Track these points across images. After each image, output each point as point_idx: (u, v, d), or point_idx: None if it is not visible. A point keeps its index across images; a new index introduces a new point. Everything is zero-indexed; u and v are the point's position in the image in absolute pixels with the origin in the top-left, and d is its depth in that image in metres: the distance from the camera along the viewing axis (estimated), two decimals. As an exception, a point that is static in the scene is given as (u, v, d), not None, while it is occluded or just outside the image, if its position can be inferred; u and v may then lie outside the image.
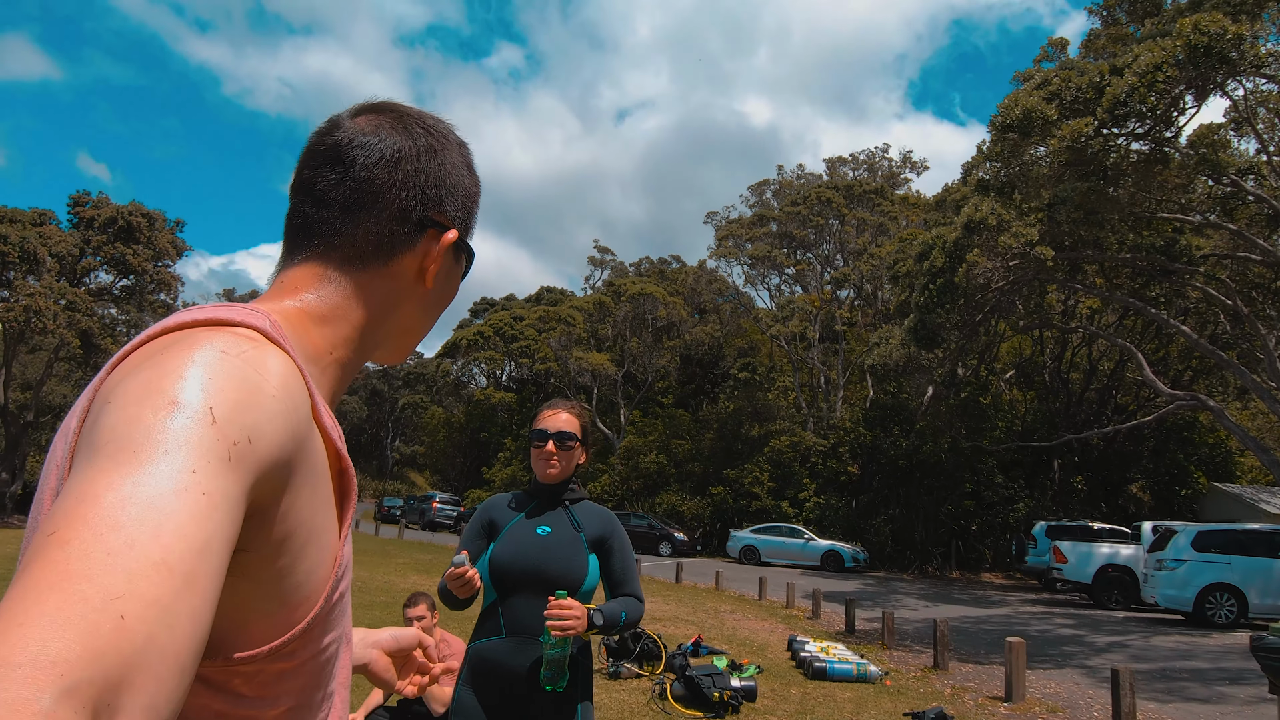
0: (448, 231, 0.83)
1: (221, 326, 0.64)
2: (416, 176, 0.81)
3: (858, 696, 7.44)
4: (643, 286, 37.34)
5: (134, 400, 0.56)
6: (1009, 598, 18.83)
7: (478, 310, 58.24)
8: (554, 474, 2.53)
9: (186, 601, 0.49)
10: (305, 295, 0.77)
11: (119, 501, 0.49)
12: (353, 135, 0.80)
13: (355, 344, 0.80)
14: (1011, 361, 31.07)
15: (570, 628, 2.20)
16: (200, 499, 0.52)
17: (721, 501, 30.58)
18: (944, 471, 25.84)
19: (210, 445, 0.55)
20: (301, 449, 0.64)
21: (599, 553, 2.53)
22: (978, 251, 13.62)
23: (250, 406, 0.59)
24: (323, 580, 0.69)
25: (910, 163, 42.06)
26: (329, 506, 0.71)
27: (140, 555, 0.48)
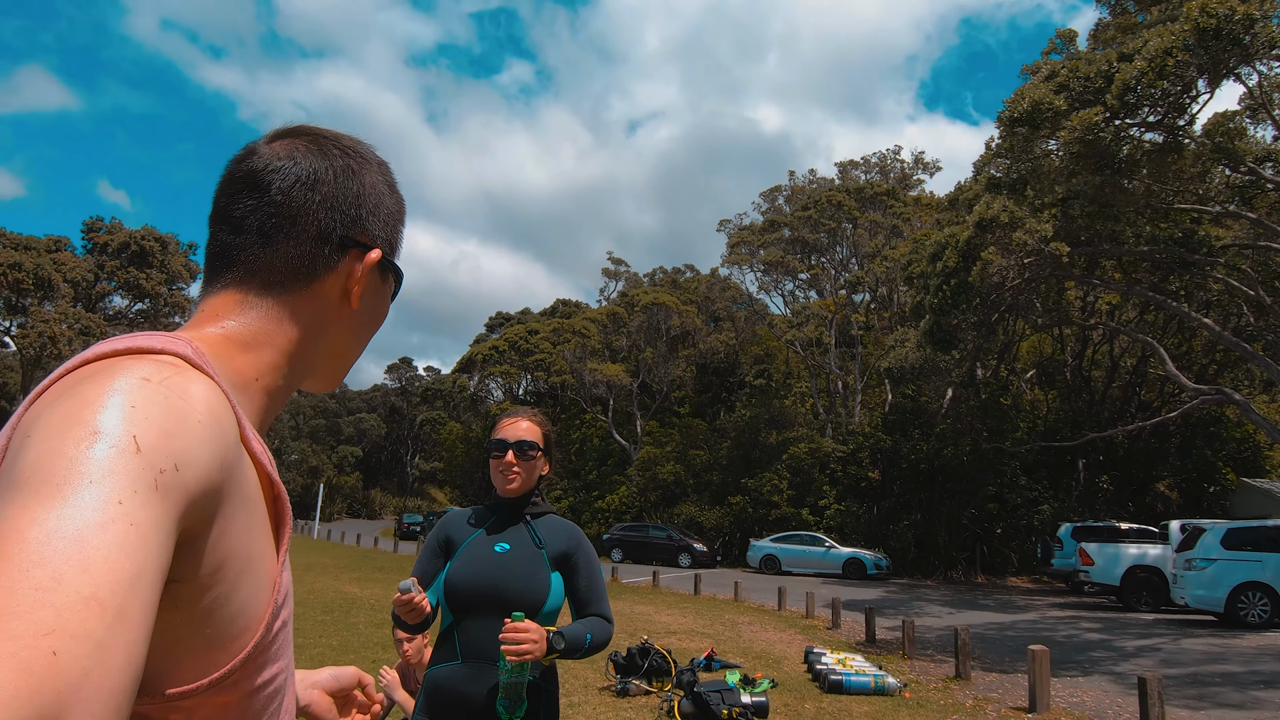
0: (370, 251, 0.82)
1: (142, 354, 0.63)
2: (334, 197, 0.80)
3: (875, 710, 7.19)
4: (656, 296, 37.23)
5: (55, 433, 0.54)
6: (1035, 602, 18.40)
7: (493, 325, 58.41)
8: (514, 487, 2.37)
9: (119, 635, 0.48)
10: (227, 322, 0.76)
11: (44, 536, 0.49)
12: (268, 160, 0.79)
13: (282, 370, 0.79)
14: (1032, 361, 30.61)
15: (527, 652, 2.03)
16: (128, 530, 0.51)
17: (741, 511, 30.29)
18: (966, 474, 25.41)
19: (136, 474, 0.53)
20: (231, 475, 0.63)
21: (563, 570, 2.36)
22: (991, 250, 13.35)
23: (176, 433, 0.57)
24: (262, 609, 0.68)
25: (923, 164, 41.76)
26: (264, 533, 0.70)
27: (69, 590, 0.47)
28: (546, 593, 2.27)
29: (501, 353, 42.78)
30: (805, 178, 45.33)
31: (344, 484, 61.74)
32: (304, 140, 0.82)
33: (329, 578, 18.11)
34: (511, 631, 2.05)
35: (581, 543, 2.41)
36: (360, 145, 0.86)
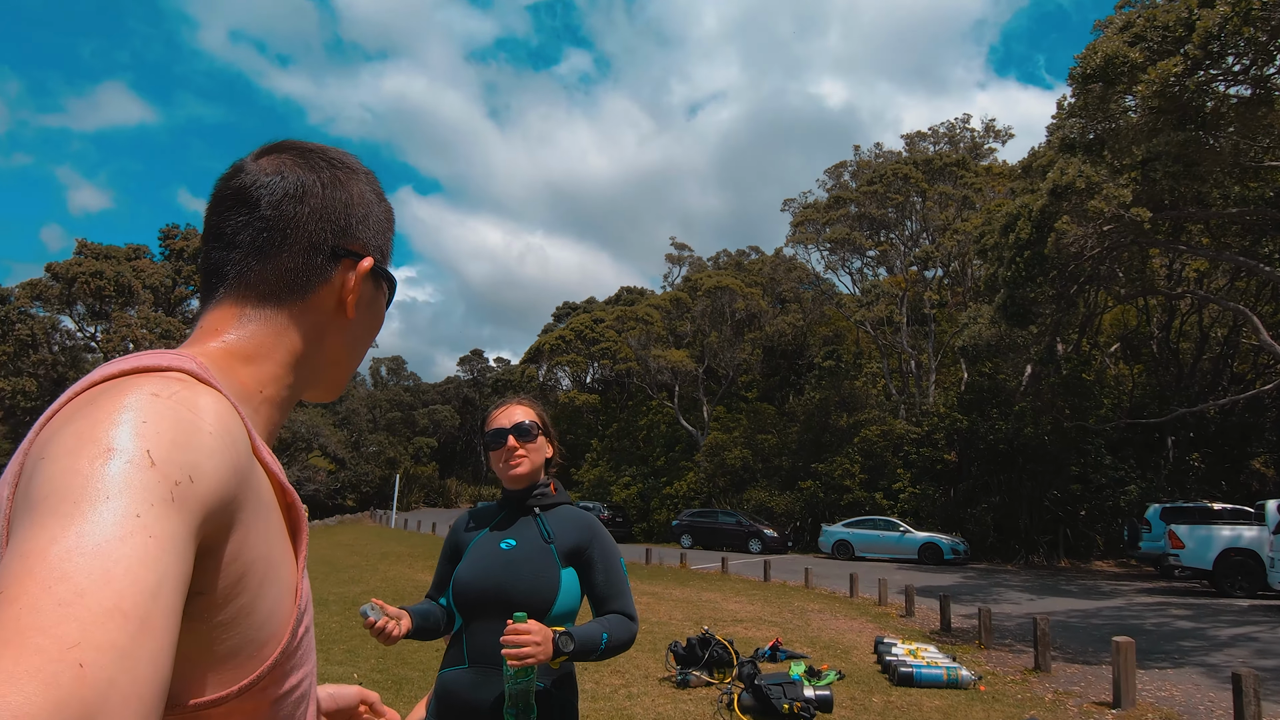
0: (362, 260, 0.84)
1: (149, 373, 0.64)
2: (323, 209, 0.82)
3: (946, 705, 6.88)
4: (719, 280, 36.83)
5: (68, 452, 0.56)
6: (1122, 588, 17.51)
7: (560, 315, 58.88)
8: (522, 471, 2.22)
9: (144, 645, 0.50)
10: (227, 335, 0.77)
11: (64, 553, 0.50)
12: (256, 177, 0.80)
13: (285, 380, 0.80)
14: (1115, 334, 29.15)
15: (529, 655, 1.88)
16: (148, 542, 0.53)
17: (812, 496, 29.82)
18: (1047, 455, 24.39)
19: (151, 487, 0.55)
20: (246, 484, 0.64)
21: (577, 566, 2.18)
22: (1067, 219, 12.61)
23: (188, 446, 0.59)
24: (285, 616, 0.69)
25: (994, 131, 40.08)
26: (283, 541, 0.71)
27: (92, 603, 0.48)
28: (556, 592, 2.11)
29: (568, 342, 43.09)
30: (871, 152, 44.13)
31: (420, 474, 63.25)
32: (290, 155, 0.83)
33: (403, 565, 18.54)
34: (512, 634, 1.91)
35: (596, 535, 2.23)
36: (346, 156, 0.88)
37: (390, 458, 58.93)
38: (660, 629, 10.24)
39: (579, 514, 2.28)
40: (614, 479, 38.72)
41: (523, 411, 2.29)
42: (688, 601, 13.41)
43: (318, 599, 12.18)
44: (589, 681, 7.31)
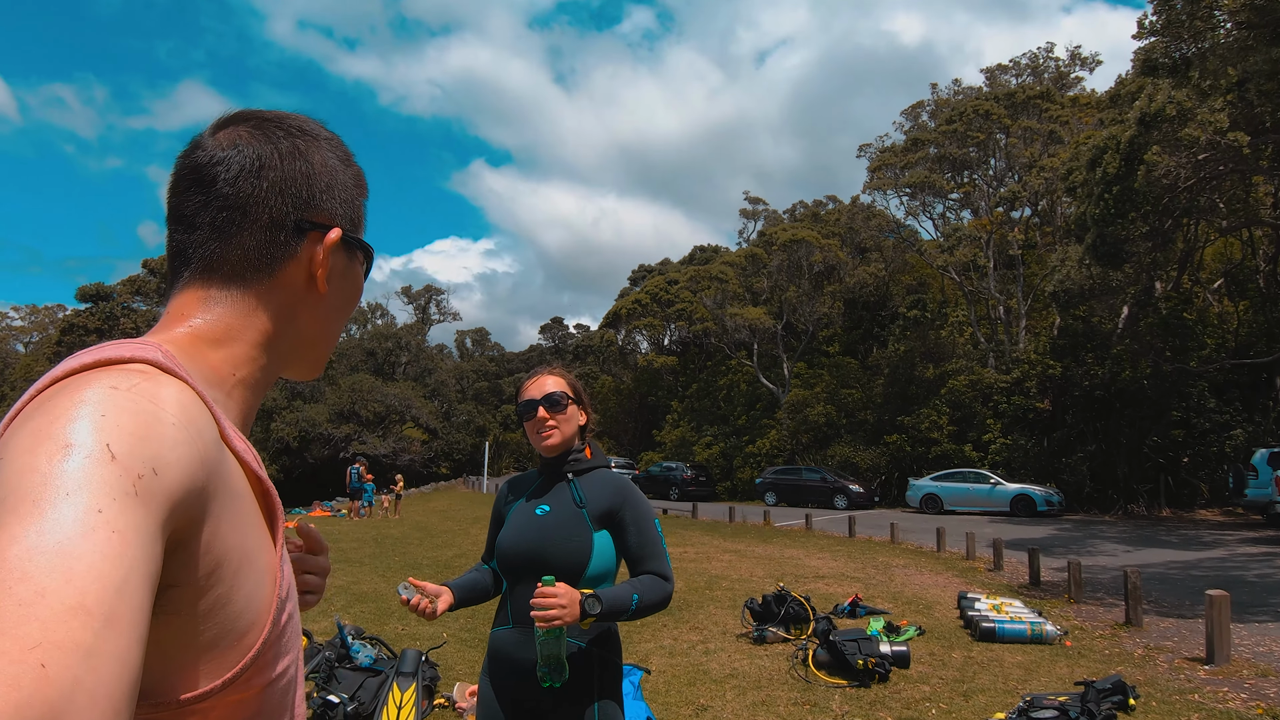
0: (330, 231, 0.81)
1: (109, 365, 0.63)
2: (283, 181, 0.79)
3: (1029, 661, 6.77)
4: (795, 233, 36.12)
5: (26, 450, 0.55)
6: (1225, 537, 16.65)
7: (636, 279, 58.98)
8: (554, 442, 2.31)
9: (110, 642, 0.49)
10: (194, 320, 0.76)
11: (24, 553, 0.49)
12: (211, 153, 0.78)
13: (258, 362, 0.79)
14: (1218, 269, 27.27)
15: (555, 618, 1.98)
16: (111, 537, 0.51)
17: (898, 449, 29.30)
18: (1147, 400, 23.22)
19: (113, 482, 0.54)
20: (214, 474, 0.63)
21: (611, 528, 2.26)
22: (1157, 149, 11.80)
23: (149, 438, 0.57)
24: (266, 604, 0.68)
25: (1080, 59, 37.47)
26: (258, 528, 0.70)
27: (54, 602, 0.47)
28: (588, 554, 2.20)
29: (644, 305, 43.18)
30: (949, 89, 42.10)
31: (509, 440, 64.95)
32: (246, 126, 0.80)
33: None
34: (539, 597, 2.01)
35: (629, 497, 2.29)
36: (307, 122, 0.84)
37: (480, 426, 60.65)
38: (740, 586, 10.36)
39: (612, 477, 2.34)
40: (696, 439, 38.87)
41: (554, 381, 2.36)
42: (770, 559, 13.48)
43: (412, 563, 12.77)
44: (667, 638, 7.50)
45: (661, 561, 2.25)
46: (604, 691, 2.21)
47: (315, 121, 0.85)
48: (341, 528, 19.88)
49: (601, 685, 2.20)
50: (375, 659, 5.55)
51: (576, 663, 2.16)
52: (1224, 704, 5.52)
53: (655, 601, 2.19)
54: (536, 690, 2.15)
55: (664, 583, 2.22)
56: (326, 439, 48.42)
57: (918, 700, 5.65)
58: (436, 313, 75.93)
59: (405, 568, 12.20)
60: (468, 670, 6.26)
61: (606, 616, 2.10)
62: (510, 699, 2.22)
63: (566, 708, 2.16)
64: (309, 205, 0.80)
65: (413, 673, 5.25)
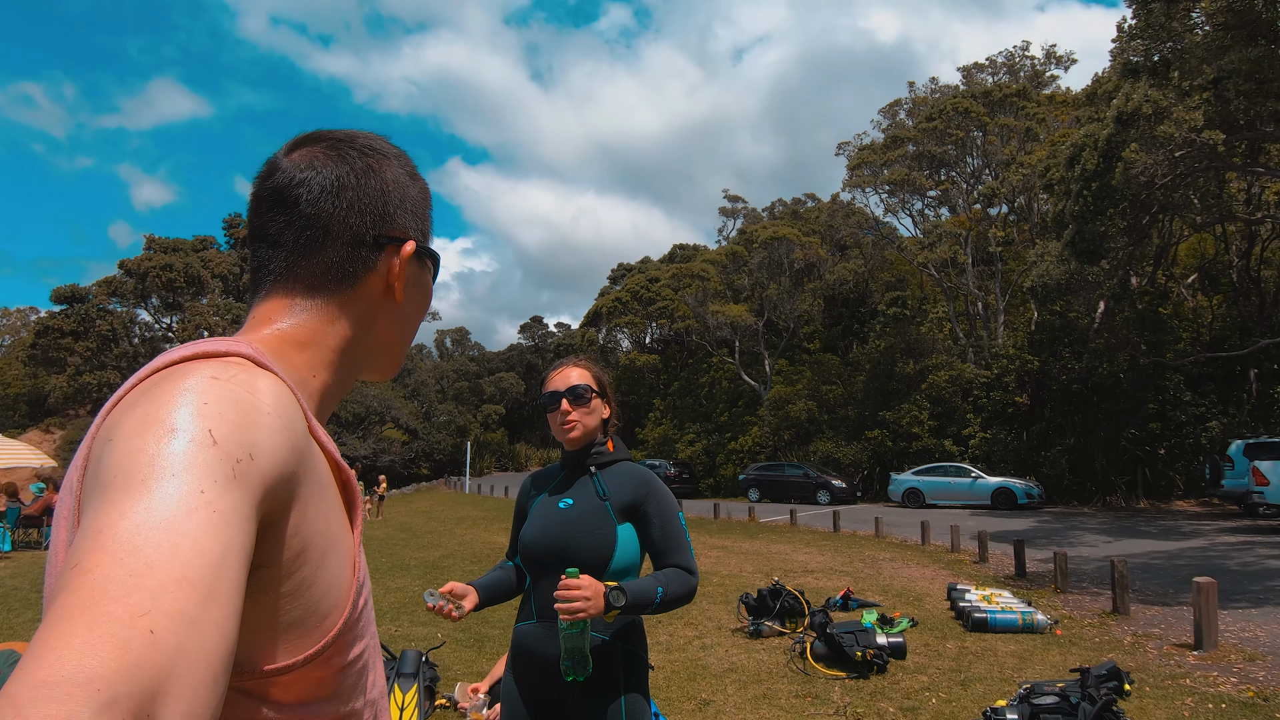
0: (405, 244, 0.85)
1: (208, 358, 0.67)
2: (361, 200, 0.82)
3: (1022, 650, 6.87)
4: (775, 230, 36.26)
5: (134, 434, 0.58)
6: (1203, 527, 16.96)
7: (616, 277, 58.91)
8: (576, 435, 2.29)
9: (211, 612, 0.52)
10: (280, 324, 0.80)
11: (134, 527, 0.52)
12: (291, 174, 0.81)
13: (335, 366, 0.82)
14: (1193, 264, 27.74)
15: (579, 610, 1.98)
16: (212, 516, 0.55)
17: (880, 445, 29.54)
18: (1124, 393, 23.58)
19: (214, 465, 0.57)
20: (304, 461, 0.66)
21: (634, 521, 2.24)
22: (1134, 147, 11.98)
23: (248, 425, 0.61)
24: (346, 588, 0.72)
25: (1055, 57, 37.99)
26: (340, 516, 0.73)
27: (161, 574, 0.51)
28: (612, 547, 2.18)
29: (625, 303, 43.17)
30: (927, 87, 42.47)
31: (490, 440, 64.68)
32: (321, 147, 0.84)
33: (479, 529, 19.12)
34: (564, 589, 2.00)
35: (652, 490, 2.27)
36: (376, 141, 0.88)
37: (460, 426, 60.35)
38: (731, 581, 10.41)
39: (636, 470, 2.32)
40: (678, 436, 38.95)
41: (578, 374, 2.34)
42: (757, 554, 13.55)
43: (400, 564, 12.70)
44: (663, 634, 7.51)
45: (686, 555, 2.23)
46: (630, 684, 2.18)
47: (383, 139, 0.89)
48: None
49: (627, 678, 2.18)
50: (376, 659, 5.50)
51: (601, 656, 2.14)
52: (1216, 688, 5.63)
53: (680, 595, 2.16)
54: (560, 684, 2.13)
55: (689, 576, 2.21)
56: (305, 441, 47.81)
57: (917, 690, 5.71)
58: (415, 313, 75.38)
59: (392, 569, 12.13)
60: (466, 670, 6.24)
61: (631, 609, 2.08)
62: (534, 694, 2.21)
63: (591, 701, 2.13)
64: (385, 220, 0.84)
65: (413, 673, 5.22)
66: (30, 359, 43.40)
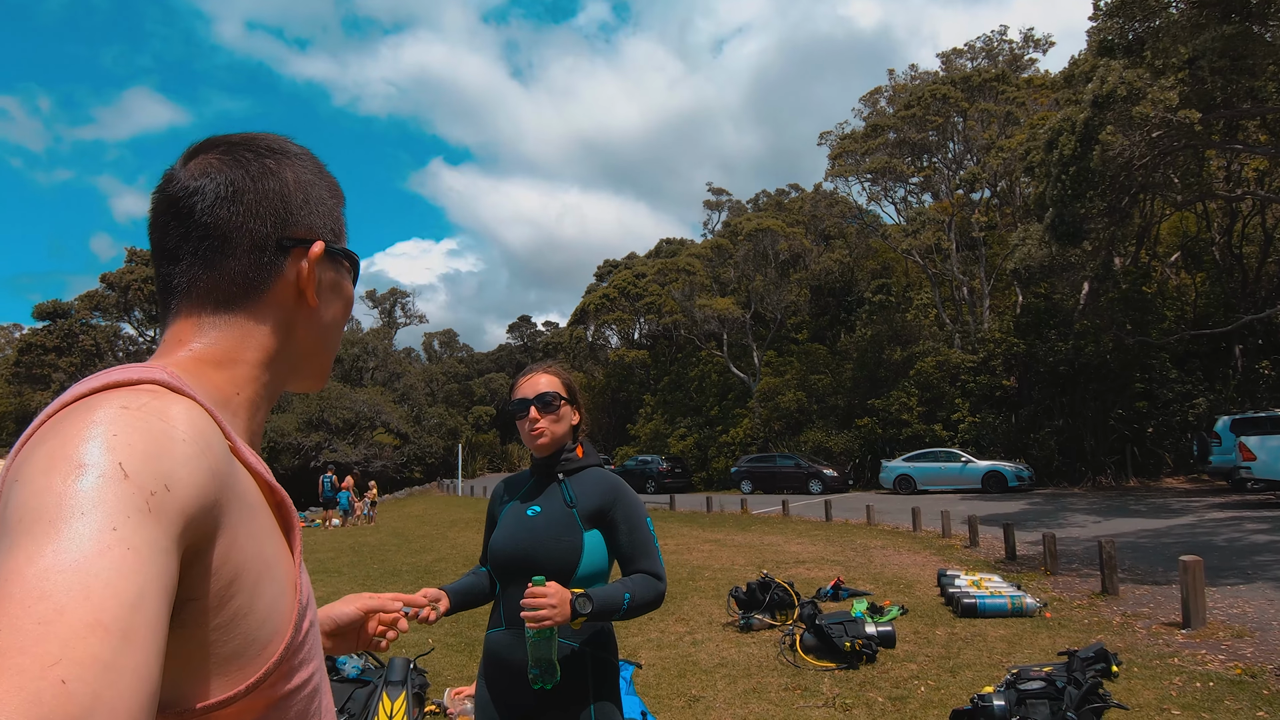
0: (312, 245, 0.81)
1: (119, 388, 0.64)
2: (259, 204, 0.79)
3: (1011, 634, 6.89)
4: (760, 222, 36.26)
5: (40, 472, 0.56)
6: (1192, 504, 17.09)
7: (602, 274, 58.83)
8: (545, 442, 2.27)
9: (128, 657, 0.50)
10: (193, 344, 0.77)
11: (42, 572, 0.50)
12: (185, 183, 0.78)
13: (260, 379, 0.80)
14: (1175, 243, 27.89)
15: (545, 618, 1.95)
16: (126, 554, 0.52)
17: (870, 432, 29.62)
18: (1110, 373, 23.73)
19: (126, 499, 0.55)
20: (226, 487, 0.64)
21: (602, 528, 2.22)
22: (1111, 129, 11.99)
23: (160, 455, 0.59)
24: (286, 613, 0.69)
25: (1033, 41, 38.06)
26: (275, 539, 0.71)
27: (72, 619, 0.48)
28: (579, 555, 2.16)
29: (612, 300, 43.12)
30: (906, 74, 42.49)
31: (482, 442, 64.52)
32: (216, 153, 0.80)
33: (472, 531, 19.06)
34: (529, 597, 1.98)
35: (620, 497, 2.25)
36: (276, 141, 0.84)
37: (451, 428, 60.14)
38: (723, 575, 10.40)
39: (603, 477, 2.30)
40: (670, 431, 38.96)
41: (547, 380, 2.32)
42: (750, 546, 13.56)
43: (391, 570, 12.65)
44: (654, 631, 7.50)
45: (654, 560, 2.22)
46: (600, 692, 2.16)
47: (283, 138, 0.86)
48: (318, 537, 19.63)
49: (597, 685, 2.16)
50: (362, 669, 5.47)
51: (570, 663, 2.12)
52: (1203, 666, 5.66)
53: (648, 601, 2.15)
54: (530, 692, 2.12)
55: (656, 582, 2.19)
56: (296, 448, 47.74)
57: (906, 679, 5.71)
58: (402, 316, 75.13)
59: (384, 575, 12.08)
60: (456, 675, 6.21)
61: (598, 616, 2.06)
62: (505, 701, 2.19)
63: (560, 710, 2.12)
64: (288, 223, 0.80)
65: (401, 680, 5.18)
66: (14, 376, 42.95)
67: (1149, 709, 4.79)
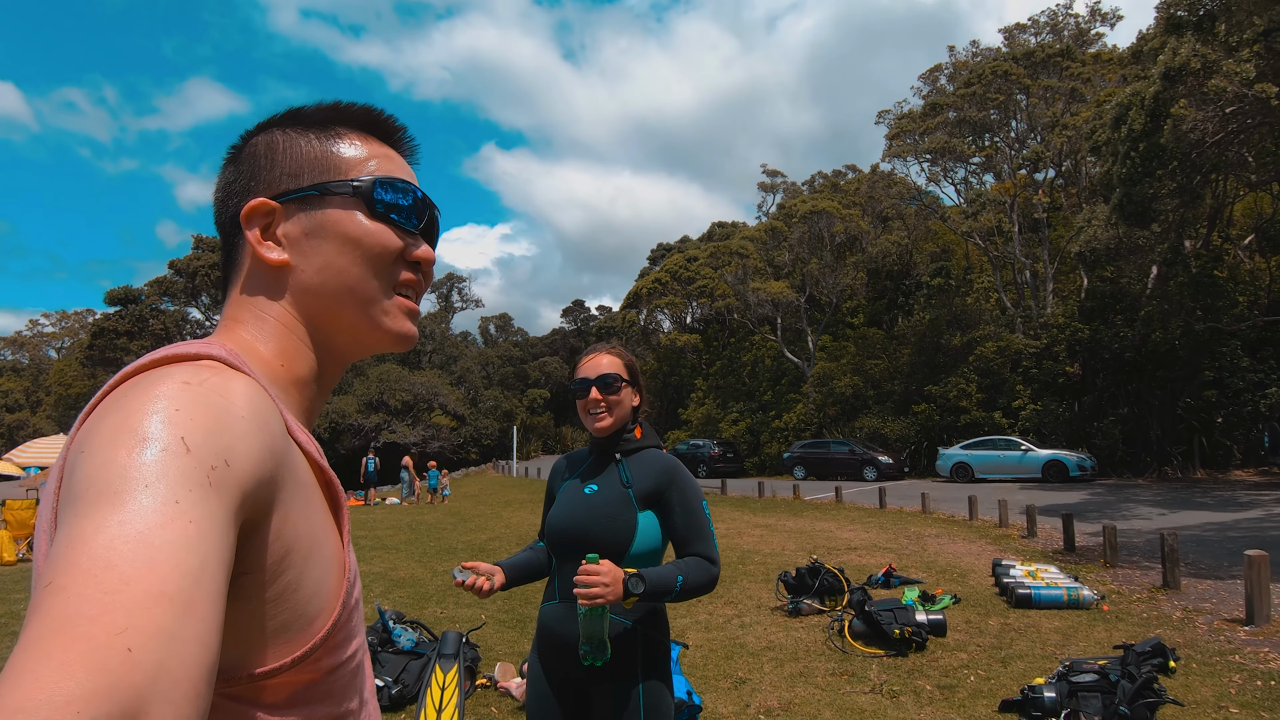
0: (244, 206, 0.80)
1: (180, 362, 0.66)
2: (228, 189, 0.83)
3: (1066, 626, 6.76)
4: (815, 204, 35.76)
5: (105, 444, 0.57)
6: (1261, 497, 16.42)
7: (655, 257, 58.85)
8: (604, 425, 2.29)
9: (190, 627, 0.51)
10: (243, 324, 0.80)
11: (108, 542, 0.51)
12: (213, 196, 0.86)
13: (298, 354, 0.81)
14: (1249, 225, 26.57)
15: (597, 595, 1.99)
16: (188, 527, 0.53)
17: (927, 419, 29.12)
18: (1179, 360, 22.86)
19: (188, 473, 0.56)
20: (282, 464, 0.65)
21: (656, 509, 2.25)
22: (1183, 103, 11.50)
23: (221, 430, 0.59)
24: (334, 590, 0.71)
25: (1100, 14, 36.54)
26: (324, 517, 0.73)
27: (137, 589, 0.49)
28: (632, 534, 2.20)
29: (664, 284, 43.08)
30: (967, 51, 41.29)
31: (537, 424, 65.37)
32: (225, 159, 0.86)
33: (525, 511, 19.38)
34: (583, 574, 2.02)
35: (675, 479, 2.26)
36: (267, 121, 0.86)
37: (507, 410, 61.04)
38: (773, 560, 10.41)
39: (660, 459, 2.32)
40: (722, 416, 38.87)
41: (609, 361, 2.33)
42: (801, 532, 13.52)
43: (447, 548, 12.96)
44: (703, 613, 7.57)
45: (708, 544, 2.23)
46: (649, 671, 2.20)
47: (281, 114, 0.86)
48: (376, 515, 20.19)
49: (646, 664, 2.20)
50: (417, 642, 5.66)
51: (622, 641, 2.17)
52: (1265, 664, 5.49)
53: (700, 584, 2.17)
54: (581, 666, 2.17)
55: (710, 565, 2.21)
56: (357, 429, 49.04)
57: (956, 668, 5.67)
58: (459, 300, 76.35)
59: (440, 553, 12.39)
60: (507, 650, 6.37)
61: (650, 597, 2.09)
62: (557, 674, 2.25)
63: (611, 685, 2.17)
64: (246, 194, 0.81)
65: (454, 654, 5.35)
66: (88, 359, 44.92)
67: (1206, 706, 4.68)
